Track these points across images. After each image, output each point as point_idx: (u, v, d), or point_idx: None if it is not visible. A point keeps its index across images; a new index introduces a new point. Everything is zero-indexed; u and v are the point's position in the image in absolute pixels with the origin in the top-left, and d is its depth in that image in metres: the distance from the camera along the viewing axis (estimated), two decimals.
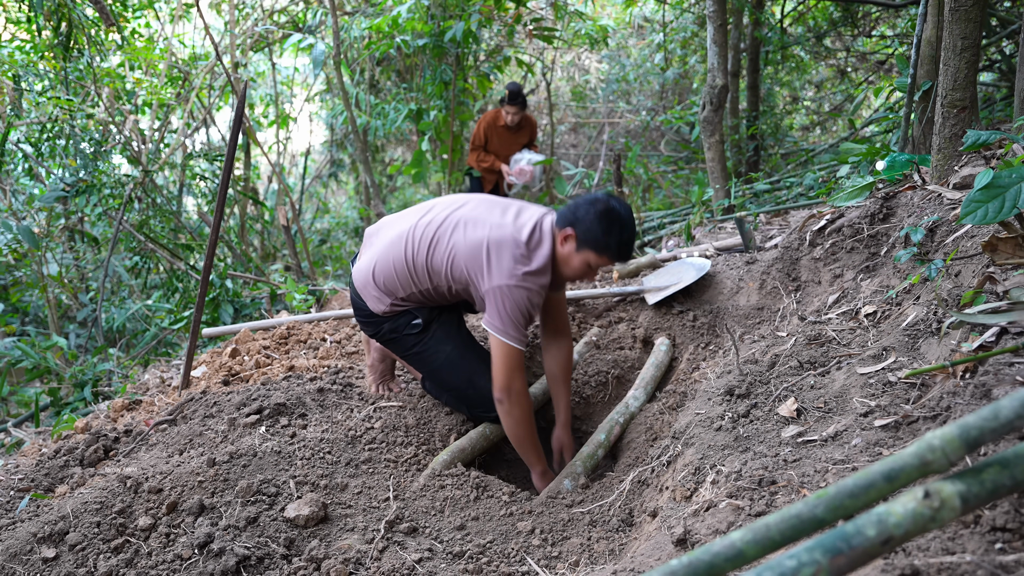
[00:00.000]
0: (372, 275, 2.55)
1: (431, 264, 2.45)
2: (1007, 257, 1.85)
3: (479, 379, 2.57)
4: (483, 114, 6.31)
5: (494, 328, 2.35)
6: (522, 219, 2.46)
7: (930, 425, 1.51)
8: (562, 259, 2.45)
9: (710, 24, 5.21)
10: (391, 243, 2.53)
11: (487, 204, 2.54)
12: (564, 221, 2.42)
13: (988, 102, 5.27)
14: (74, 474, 2.36)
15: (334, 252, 9.17)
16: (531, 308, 2.37)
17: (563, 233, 2.41)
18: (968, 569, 1.04)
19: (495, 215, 2.47)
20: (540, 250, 2.40)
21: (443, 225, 2.48)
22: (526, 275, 2.34)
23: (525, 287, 2.33)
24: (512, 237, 2.37)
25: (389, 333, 2.61)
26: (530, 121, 6.17)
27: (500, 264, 2.34)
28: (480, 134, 5.99)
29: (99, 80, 5.70)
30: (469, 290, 2.46)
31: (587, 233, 2.38)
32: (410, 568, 1.89)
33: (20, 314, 6.35)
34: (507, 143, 6.10)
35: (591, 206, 2.39)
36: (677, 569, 0.87)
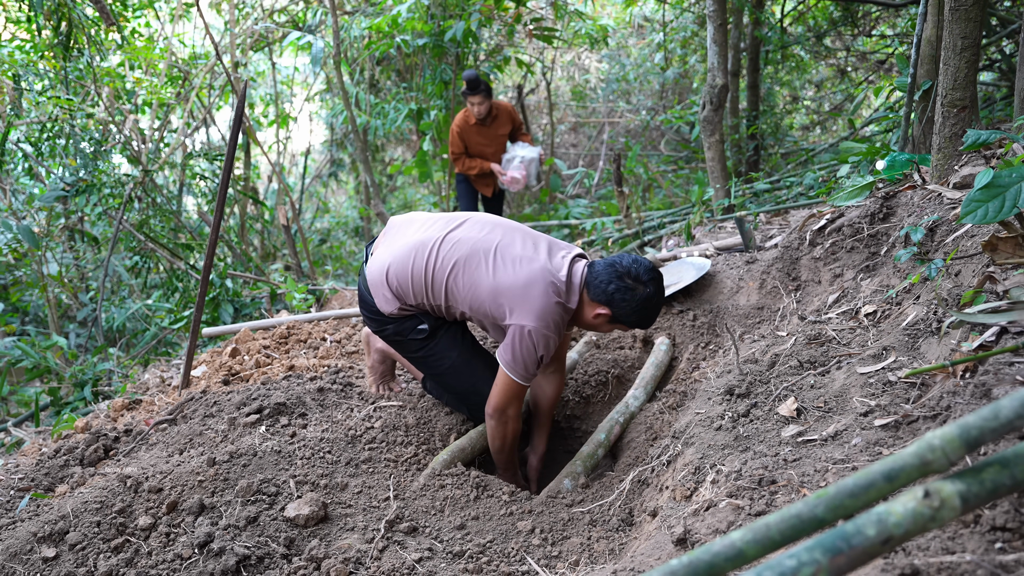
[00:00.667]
0: (386, 275, 2.47)
1: (450, 288, 2.40)
2: (1007, 256, 1.85)
3: (483, 386, 2.56)
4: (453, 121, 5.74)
5: (504, 362, 2.36)
6: (555, 260, 2.40)
7: (930, 425, 1.51)
8: (589, 324, 2.44)
9: (710, 23, 5.21)
10: (413, 248, 2.45)
11: (519, 234, 2.47)
12: (598, 297, 2.36)
13: (988, 101, 5.27)
14: (74, 474, 2.36)
15: (334, 252, 9.17)
16: (546, 354, 2.36)
17: (595, 308, 2.38)
18: (968, 568, 1.04)
19: (527, 250, 2.40)
20: (567, 303, 2.37)
21: (472, 250, 2.40)
22: (551, 321, 2.31)
23: (546, 332, 2.30)
24: (543, 282, 2.31)
25: (394, 335, 2.58)
26: (504, 109, 5.62)
27: (526, 305, 2.30)
28: (456, 140, 5.57)
29: (99, 80, 5.70)
30: (484, 321, 2.44)
31: (623, 317, 2.38)
32: (410, 568, 1.89)
33: (20, 313, 6.36)
34: (487, 140, 5.61)
35: (630, 294, 2.34)
36: (677, 569, 0.87)
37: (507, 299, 2.31)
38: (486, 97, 5.34)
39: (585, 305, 2.40)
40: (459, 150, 5.57)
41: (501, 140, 5.58)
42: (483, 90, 5.30)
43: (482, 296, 2.35)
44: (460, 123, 5.53)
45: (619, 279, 2.34)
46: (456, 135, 5.53)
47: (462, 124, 5.52)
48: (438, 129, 6.94)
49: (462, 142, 5.57)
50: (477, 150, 5.62)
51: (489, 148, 5.60)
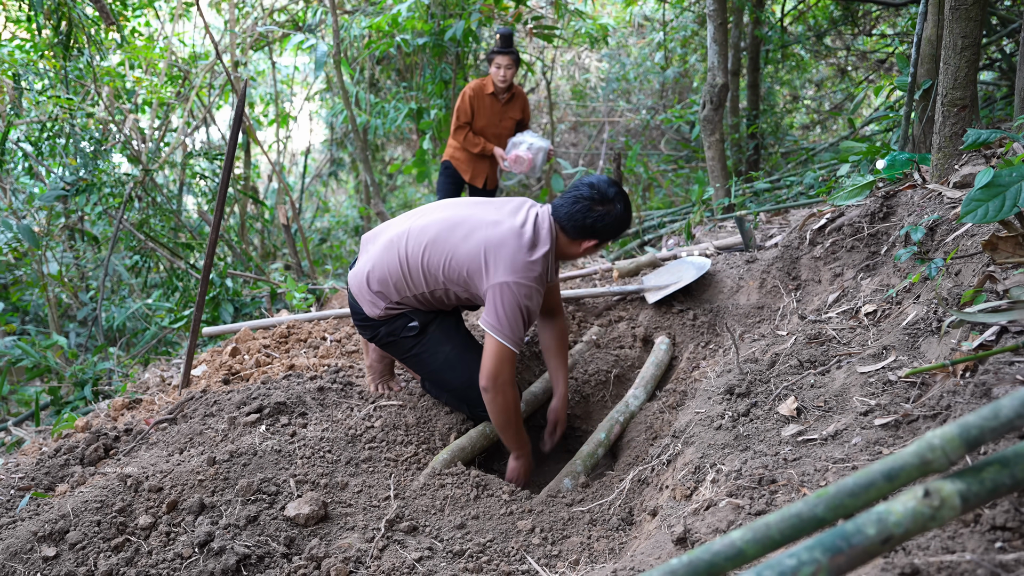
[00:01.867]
0: (367, 280, 2.55)
1: (426, 268, 2.45)
2: (1007, 256, 1.85)
3: (479, 379, 2.57)
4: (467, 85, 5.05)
5: (490, 327, 2.36)
6: (518, 216, 2.46)
7: (930, 424, 1.51)
8: (569, 254, 2.51)
9: (710, 23, 5.21)
10: (385, 248, 2.53)
11: (479, 205, 2.55)
12: (581, 233, 2.45)
13: (988, 101, 5.27)
14: (74, 473, 2.36)
15: (334, 251, 9.17)
16: (531, 306, 2.37)
17: (583, 244, 2.46)
18: (968, 568, 1.04)
19: (489, 214, 2.47)
20: (541, 247, 2.40)
21: (437, 229, 2.47)
22: (528, 270, 2.34)
23: (526, 283, 2.33)
24: (511, 235, 2.37)
25: (386, 337, 2.61)
26: (522, 94, 5.12)
27: (499, 262, 2.34)
28: (465, 106, 4.88)
29: (99, 79, 5.70)
30: (469, 291, 2.46)
31: (609, 236, 2.47)
32: (410, 567, 1.89)
33: (20, 313, 6.36)
34: (496, 117, 5.01)
35: (608, 215, 2.43)
36: (677, 568, 0.87)
37: (481, 263, 2.36)
38: (514, 63, 4.77)
39: (567, 244, 2.49)
40: (467, 119, 4.93)
41: (509, 125, 5.05)
42: (514, 53, 4.74)
43: (457, 268, 2.40)
44: (476, 88, 4.91)
45: (590, 208, 2.43)
46: (468, 101, 4.88)
47: (477, 90, 4.90)
48: (438, 128, 6.93)
49: (471, 111, 4.92)
50: (482, 126, 4.99)
51: (495, 128, 5.00)
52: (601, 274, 3.95)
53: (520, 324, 2.36)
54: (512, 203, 2.55)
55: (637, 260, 3.90)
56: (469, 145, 4.91)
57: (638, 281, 3.70)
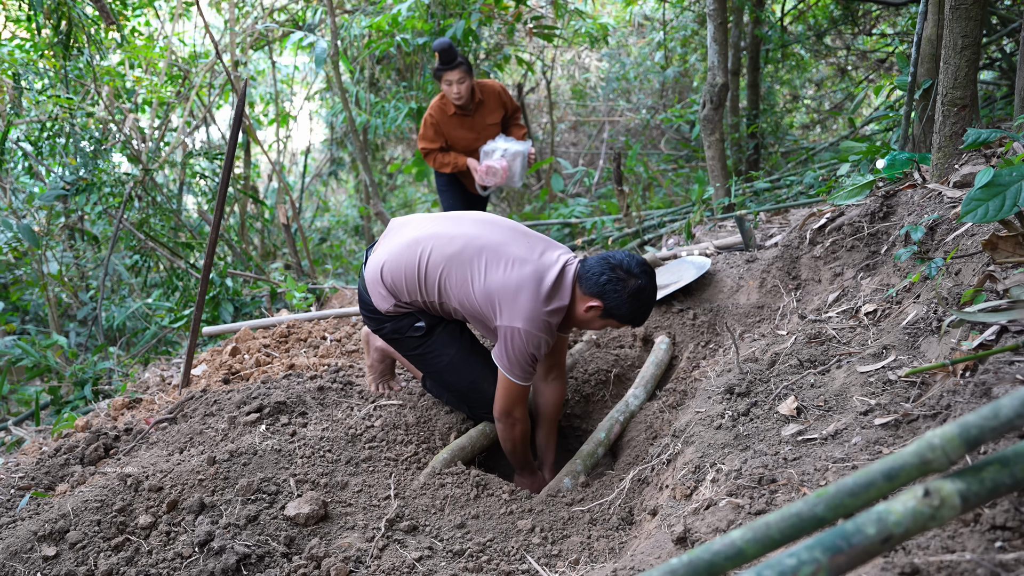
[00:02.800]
0: (381, 273, 2.49)
1: (443, 285, 2.41)
2: (1007, 255, 1.85)
3: (482, 383, 2.57)
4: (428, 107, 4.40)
5: (500, 364, 2.38)
6: (545, 261, 2.39)
7: (930, 424, 1.51)
8: (582, 319, 2.43)
9: (710, 22, 5.21)
10: (407, 246, 2.47)
11: (512, 233, 2.47)
12: (590, 290, 2.36)
13: (988, 100, 5.27)
14: (74, 472, 2.36)
15: (334, 250, 9.17)
16: (538, 353, 2.36)
17: (587, 301, 2.37)
18: (968, 567, 1.04)
19: (519, 249, 2.40)
20: (558, 302, 2.36)
21: (463, 245, 2.40)
22: (540, 321, 2.31)
23: (536, 332, 2.30)
24: (532, 281, 2.31)
25: (392, 333, 2.59)
26: (492, 91, 4.36)
27: (515, 306, 2.30)
28: (430, 134, 4.29)
29: (99, 78, 5.70)
30: (477, 319, 2.44)
31: (615, 310, 2.36)
32: (410, 566, 1.89)
33: (20, 312, 6.36)
34: (473, 133, 4.35)
35: (622, 285, 2.33)
36: (677, 567, 0.87)
37: (497, 300, 2.32)
38: (466, 74, 4.11)
39: (578, 300, 2.40)
40: (435, 145, 4.33)
41: (491, 132, 4.37)
42: (461, 63, 4.08)
43: (473, 295, 2.36)
44: (436, 112, 4.29)
45: (611, 270, 2.35)
46: (431, 128, 4.29)
47: (438, 114, 4.28)
48: None
49: (440, 137, 4.33)
50: (462, 146, 4.41)
51: (477, 142, 4.38)
52: None
53: (528, 365, 2.37)
54: (546, 244, 2.48)
55: None
56: (441, 167, 4.38)
57: None
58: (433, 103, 4.32)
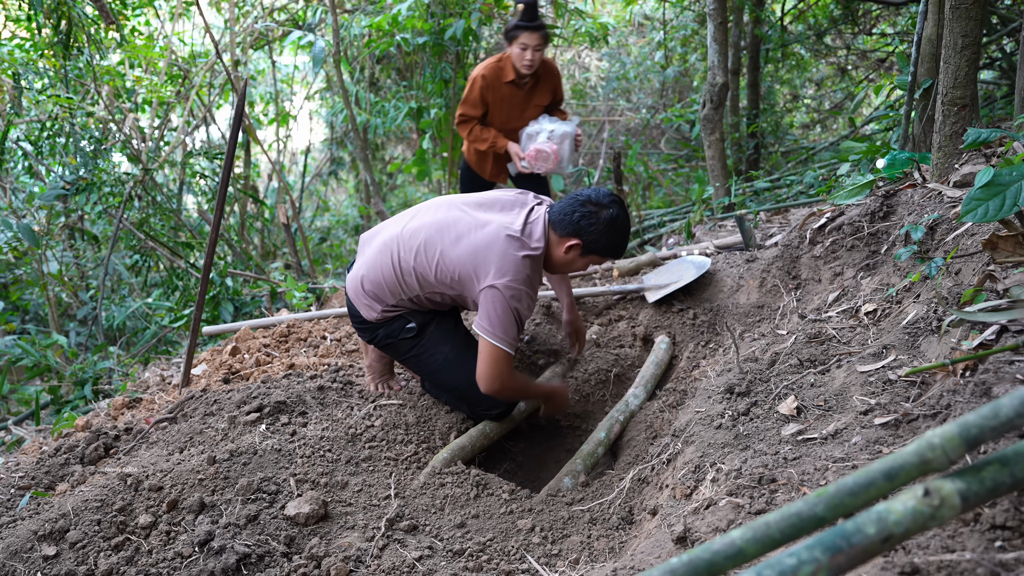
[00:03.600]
0: (361, 283, 2.56)
1: (419, 272, 2.44)
2: (1007, 255, 1.85)
3: (480, 385, 2.57)
4: (477, 66, 3.95)
5: (483, 330, 2.36)
6: (509, 215, 2.43)
7: (930, 423, 1.51)
8: (564, 261, 2.45)
9: (710, 22, 5.20)
10: (378, 253, 2.53)
11: (468, 205, 2.52)
12: (566, 230, 2.39)
13: (988, 100, 5.26)
14: (74, 472, 2.36)
15: (334, 250, 9.16)
16: (522, 309, 2.36)
17: (565, 243, 2.40)
18: (968, 567, 1.04)
19: (479, 214, 2.44)
20: (532, 249, 2.38)
21: (427, 232, 2.45)
22: (517, 273, 2.32)
23: (516, 286, 2.31)
24: (499, 236, 2.35)
25: (384, 339, 2.62)
26: (551, 70, 3.99)
27: (489, 265, 2.32)
28: (475, 97, 3.84)
29: (99, 78, 5.70)
30: (462, 294, 2.45)
31: (594, 243, 2.39)
32: (410, 566, 1.89)
33: (20, 312, 6.36)
34: (518, 109, 3.94)
35: (595, 217, 2.37)
36: (677, 567, 0.87)
37: (471, 267, 2.34)
38: (544, 40, 3.69)
39: (555, 245, 2.43)
40: (476, 112, 3.88)
41: (533, 115, 3.96)
42: (543, 27, 3.66)
43: (448, 272, 2.38)
44: (490, 74, 3.81)
45: (581, 206, 2.39)
46: (478, 91, 3.82)
47: (492, 77, 3.81)
48: (438, 128, 6.93)
49: (483, 105, 3.87)
50: (499, 120, 3.93)
51: (518, 123, 3.92)
52: (601, 273, 3.95)
53: (512, 326, 2.35)
54: (506, 198, 2.52)
55: (637, 259, 3.89)
56: (475, 142, 3.94)
57: (638, 280, 3.70)
58: (488, 63, 3.83)
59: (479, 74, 3.83)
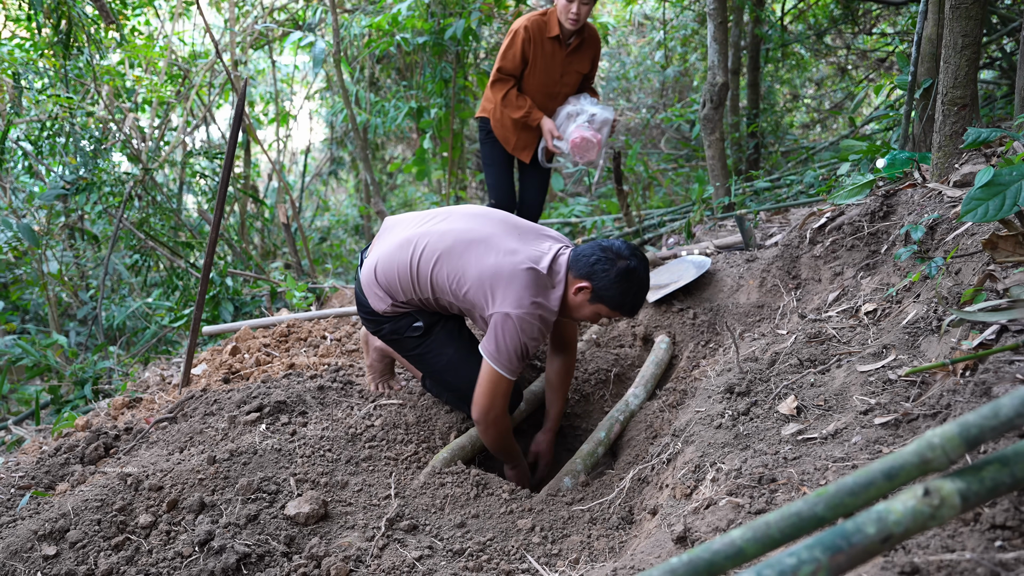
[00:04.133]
0: (375, 274, 2.50)
1: (435, 279, 2.40)
2: (1007, 255, 1.85)
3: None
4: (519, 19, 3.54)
5: (488, 354, 2.33)
6: (539, 249, 2.38)
7: (930, 423, 1.51)
8: (573, 305, 2.41)
9: (710, 22, 5.20)
10: (399, 245, 2.47)
11: (503, 226, 2.46)
12: (580, 271, 2.35)
13: (989, 100, 5.26)
14: (74, 472, 2.36)
15: (334, 250, 9.16)
16: (530, 344, 2.32)
17: (577, 284, 2.35)
18: (968, 567, 1.04)
19: (510, 241, 2.39)
20: (553, 289, 2.35)
21: (454, 240, 2.40)
22: (534, 307, 2.29)
23: (530, 320, 2.28)
24: (524, 270, 2.30)
25: (390, 334, 2.60)
26: (595, 34, 3.62)
27: (508, 292, 2.28)
28: (516, 52, 3.44)
29: (99, 78, 5.70)
30: (473, 313, 2.43)
31: (604, 291, 2.34)
32: (410, 565, 1.89)
33: (20, 312, 6.36)
34: (557, 71, 3.55)
35: (611, 264, 2.32)
36: (677, 567, 0.87)
37: (489, 288, 2.30)
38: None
39: (569, 285, 2.38)
40: (515, 69, 3.48)
41: (572, 82, 3.61)
42: None
43: (465, 286, 2.35)
44: (533, 27, 3.44)
45: (601, 251, 2.35)
46: (520, 44, 3.43)
47: (535, 30, 3.44)
48: (438, 127, 6.93)
49: (524, 60, 3.48)
50: (537, 82, 3.54)
51: (555, 87, 3.58)
52: None
53: (517, 357, 2.32)
54: (538, 233, 2.47)
55: None
56: (509, 107, 3.52)
57: None
58: (531, 16, 3.46)
59: (521, 26, 3.43)
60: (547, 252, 2.39)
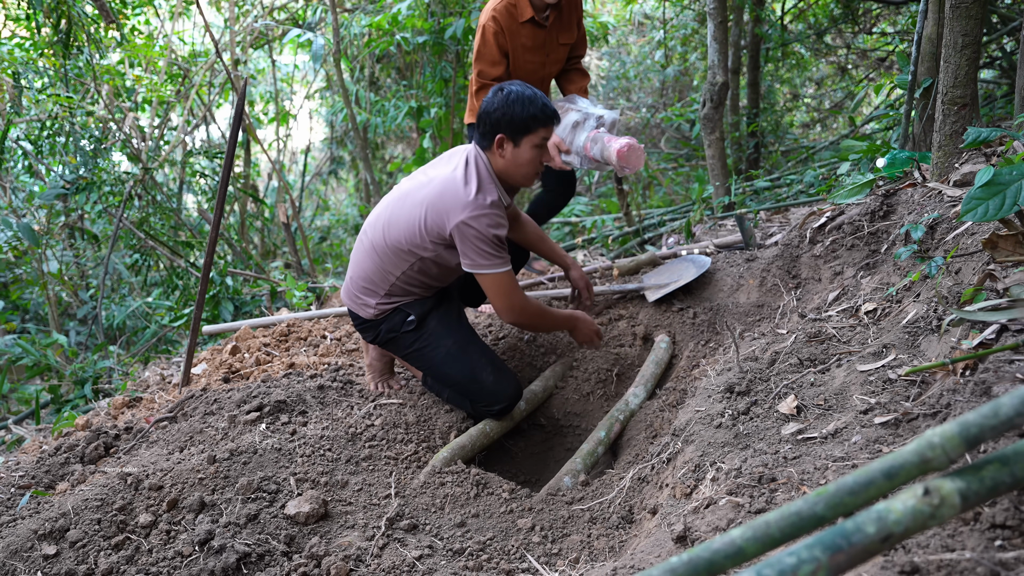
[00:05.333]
0: (351, 284, 2.65)
1: (394, 246, 2.50)
2: (1007, 254, 1.85)
3: (481, 372, 2.60)
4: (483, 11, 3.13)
5: (475, 267, 2.42)
6: (450, 165, 2.49)
7: (930, 422, 1.51)
8: (509, 165, 2.48)
9: (710, 21, 5.20)
10: (356, 250, 2.64)
11: (418, 172, 2.61)
12: (484, 137, 2.46)
13: (989, 99, 5.26)
14: (75, 471, 2.36)
15: (334, 249, 9.16)
16: (498, 231, 2.40)
17: (495, 146, 2.44)
18: (968, 566, 1.05)
19: (424, 175, 2.53)
20: (480, 174, 2.43)
21: (389, 207, 2.55)
22: (477, 201, 2.36)
23: (481, 213, 2.36)
24: (447, 182, 2.41)
25: (386, 334, 2.65)
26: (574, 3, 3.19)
27: (448, 209, 2.37)
28: (491, 51, 3.07)
29: (99, 77, 5.69)
30: (442, 252, 2.50)
31: (511, 122, 2.40)
32: (410, 565, 1.89)
33: (20, 311, 6.36)
34: (541, 53, 3.18)
35: (495, 103, 2.40)
36: (677, 566, 0.87)
37: (436, 213, 2.40)
38: None
39: (494, 158, 2.48)
40: (497, 70, 3.11)
41: (558, 58, 3.22)
42: None
43: (415, 230, 2.44)
44: (502, 16, 3.04)
45: (482, 112, 2.44)
46: (493, 39, 3.05)
47: (504, 20, 3.04)
48: (438, 127, 6.93)
49: (504, 55, 3.10)
50: (525, 73, 3.19)
51: (541, 71, 3.21)
52: (601, 272, 3.95)
53: (496, 248, 2.41)
54: (444, 156, 2.59)
55: (637, 258, 3.89)
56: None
57: (638, 279, 3.70)
58: (494, 4, 3.05)
59: (487, 19, 3.03)
60: (455, 156, 2.52)
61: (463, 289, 2.95)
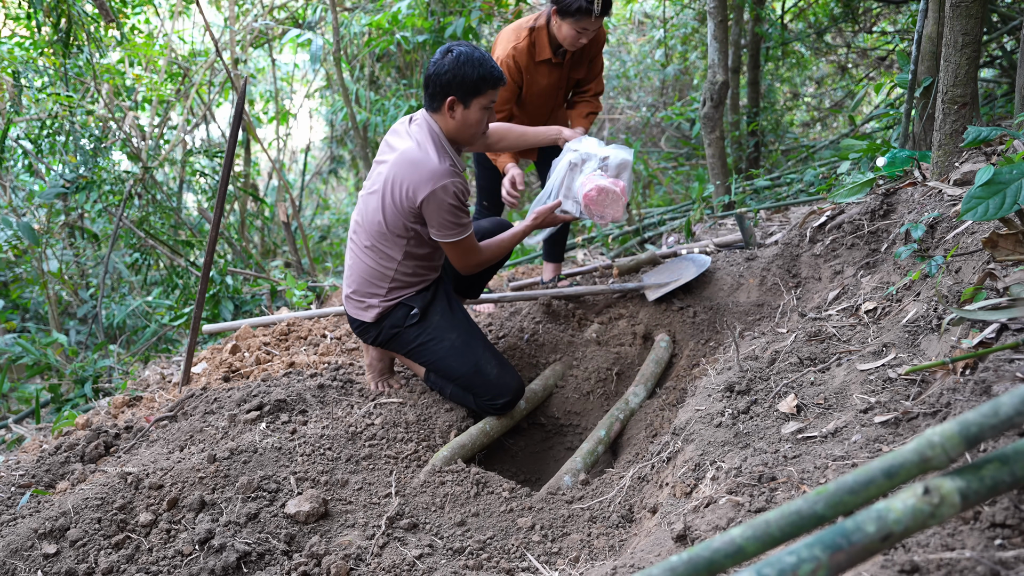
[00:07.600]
0: (351, 288, 2.68)
1: (378, 234, 2.54)
2: (1007, 253, 1.85)
3: (486, 366, 2.63)
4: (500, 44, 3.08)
5: (443, 236, 2.47)
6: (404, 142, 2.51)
7: (930, 421, 1.51)
8: (462, 126, 2.48)
9: (711, 20, 5.20)
10: (349, 254, 2.69)
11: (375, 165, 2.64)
12: (434, 101, 2.45)
13: (989, 98, 5.26)
14: (75, 470, 2.36)
15: (334, 248, 9.16)
16: (462, 197, 2.44)
17: (445, 109, 2.44)
18: (968, 565, 1.05)
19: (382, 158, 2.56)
20: (434, 142, 2.46)
21: (363, 203, 2.59)
22: (437, 171, 2.39)
23: (441, 184, 2.38)
24: (403, 159, 2.43)
25: (389, 330, 2.65)
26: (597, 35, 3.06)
27: (415, 183, 2.40)
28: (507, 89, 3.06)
29: (99, 76, 5.69)
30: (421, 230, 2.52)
31: (463, 85, 2.39)
32: (410, 564, 1.89)
33: (20, 310, 6.36)
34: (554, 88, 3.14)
35: (442, 66, 2.39)
36: (677, 565, 0.87)
37: (401, 192, 2.43)
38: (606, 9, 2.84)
39: (445, 123, 2.49)
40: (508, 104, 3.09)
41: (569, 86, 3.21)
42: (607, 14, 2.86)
43: (389, 210, 2.48)
44: (521, 56, 2.99)
45: (427, 79, 2.45)
46: (508, 74, 3.00)
47: (523, 59, 3.00)
48: None
49: (514, 97, 3.10)
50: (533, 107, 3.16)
51: (551, 101, 3.17)
52: (601, 271, 3.95)
53: (461, 216, 2.46)
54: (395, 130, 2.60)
55: (637, 257, 3.89)
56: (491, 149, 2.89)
57: (638, 279, 3.70)
58: (516, 42, 2.98)
59: (508, 56, 2.97)
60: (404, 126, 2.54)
61: (457, 283, 2.96)
